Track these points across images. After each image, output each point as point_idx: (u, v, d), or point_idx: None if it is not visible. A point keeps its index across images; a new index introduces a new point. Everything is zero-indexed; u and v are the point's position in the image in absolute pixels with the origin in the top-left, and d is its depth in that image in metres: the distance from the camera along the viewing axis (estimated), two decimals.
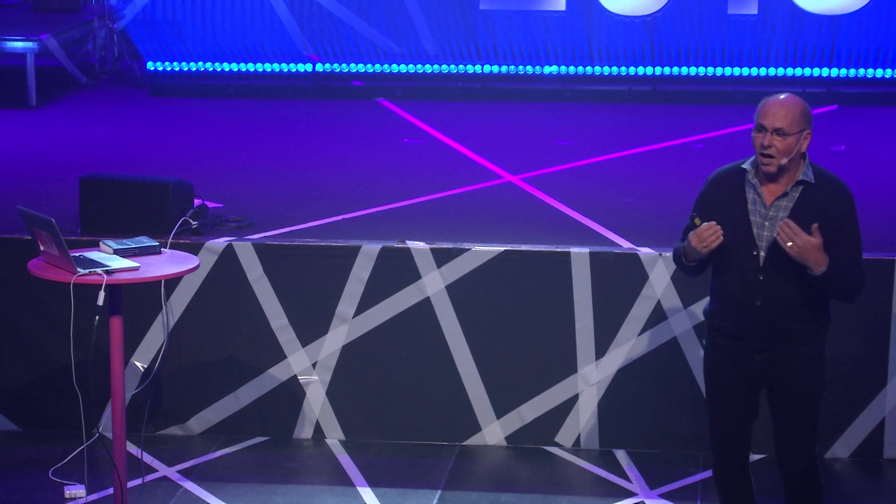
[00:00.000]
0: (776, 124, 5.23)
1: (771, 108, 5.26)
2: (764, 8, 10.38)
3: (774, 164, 5.26)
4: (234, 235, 7.32)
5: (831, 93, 10.34)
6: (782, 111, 5.24)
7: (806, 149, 5.31)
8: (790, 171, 5.30)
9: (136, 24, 10.92)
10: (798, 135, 5.25)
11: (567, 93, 10.52)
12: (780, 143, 5.24)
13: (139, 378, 7.21)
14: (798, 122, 5.25)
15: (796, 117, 5.24)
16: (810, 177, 5.32)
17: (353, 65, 10.74)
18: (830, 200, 5.28)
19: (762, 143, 5.25)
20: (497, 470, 7.02)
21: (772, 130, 5.24)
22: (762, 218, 5.32)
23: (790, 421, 5.48)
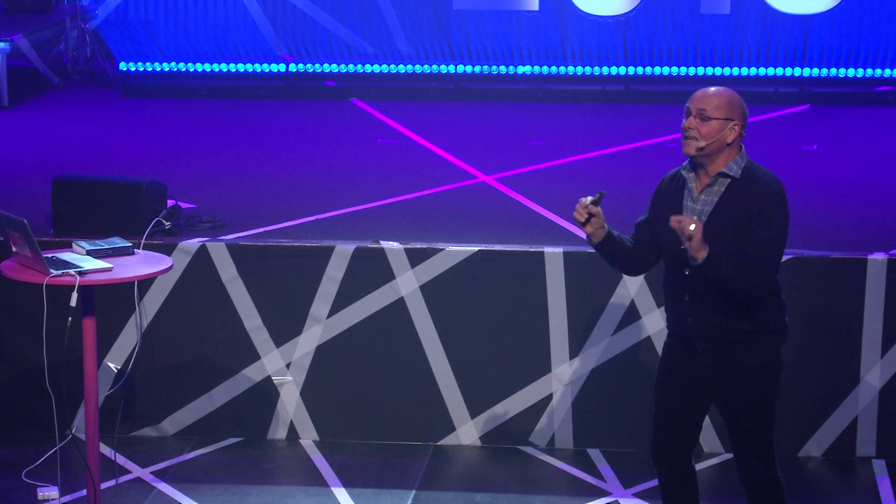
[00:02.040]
0: (700, 106, 5.25)
1: (698, 94, 5.31)
2: (736, 7, 10.41)
3: (693, 146, 5.25)
4: (207, 236, 7.30)
5: (803, 92, 10.38)
6: (708, 97, 5.27)
7: (733, 141, 5.26)
8: (715, 162, 5.28)
9: (109, 25, 10.89)
10: (722, 122, 5.24)
11: (540, 92, 10.53)
12: (702, 127, 5.23)
13: (112, 379, 7.19)
14: (722, 108, 5.25)
15: (722, 104, 5.25)
16: (735, 171, 5.26)
17: (326, 65, 10.73)
18: (754, 196, 5.21)
19: (685, 125, 5.29)
20: (471, 470, 7.02)
21: (695, 112, 5.26)
22: (690, 212, 5.33)
23: (739, 434, 5.46)
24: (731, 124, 5.26)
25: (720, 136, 5.25)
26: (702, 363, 5.39)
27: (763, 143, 9.45)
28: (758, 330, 5.32)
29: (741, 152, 5.30)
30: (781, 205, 5.25)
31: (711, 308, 5.30)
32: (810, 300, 6.97)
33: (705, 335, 5.34)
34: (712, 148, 5.25)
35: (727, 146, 5.27)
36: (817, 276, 6.96)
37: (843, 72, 10.43)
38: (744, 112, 5.32)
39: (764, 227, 5.19)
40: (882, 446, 7.03)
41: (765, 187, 5.24)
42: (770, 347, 5.36)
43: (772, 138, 9.57)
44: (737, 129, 5.27)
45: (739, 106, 5.30)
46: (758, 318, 5.31)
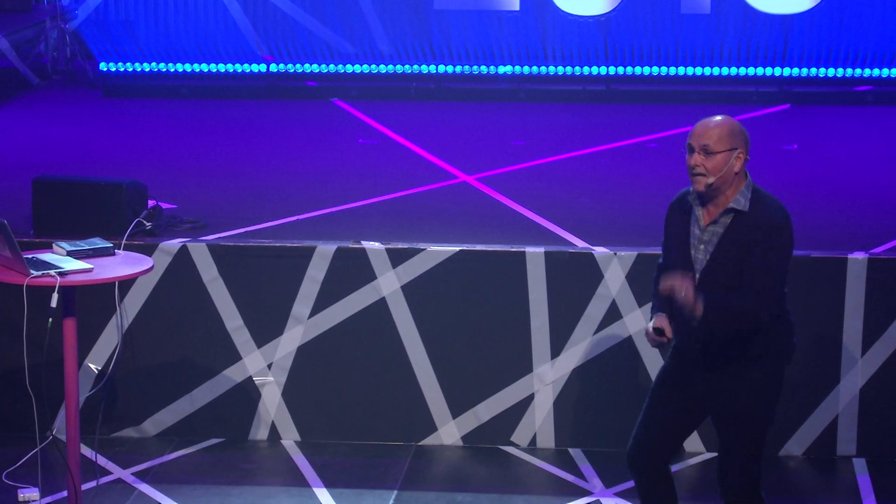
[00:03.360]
0: (702, 141, 5.20)
1: (698, 128, 5.24)
2: (716, 7, 10.43)
3: (703, 182, 5.21)
4: (188, 236, 7.29)
5: (783, 92, 10.41)
6: (709, 130, 5.21)
7: (740, 169, 5.23)
8: (725, 194, 5.25)
9: (89, 25, 10.87)
10: (728, 153, 5.20)
11: (521, 92, 10.54)
12: (708, 162, 5.19)
13: (93, 380, 7.18)
14: (725, 140, 5.20)
15: (723, 135, 5.20)
16: (743, 205, 5.23)
17: (307, 65, 10.73)
18: (759, 226, 5.19)
19: (691, 163, 5.24)
20: (453, 470, 7.02)
21: (699, 149, 5.21)
22: (697, 241, 5.31)
23: (728, 443, 5.46)
24: (737, 153, 5.22)
25: (728, 168, 5.21)
26: (702, 377, 5.39)
27: None
28: (765, 351, 5.33)
29: (747, 181, 5.28)
30: (784, 234, 5.22)
31: (719, 335, 5.29)
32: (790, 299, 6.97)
33: (713, 360, 5.34)
34: (721, 181, 5.22)
35: (735, 175, 5.24)
36: (797, 276, 6.96)
37: (822, 71, 10.45)
38: (746, 138, 5.28)
39: (763, 254, 5.17)
40: (862, 445, 7.05)
41: (768, 218, 5.20)
42: (772, 367, 5.36)
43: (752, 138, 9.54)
44: (742, 157, 5.23)
45: (741, 132, 5.26)
46: (765, 341, 5.32)
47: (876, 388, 6.99)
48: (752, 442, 5.41)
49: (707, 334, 5.29)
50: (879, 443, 7.05)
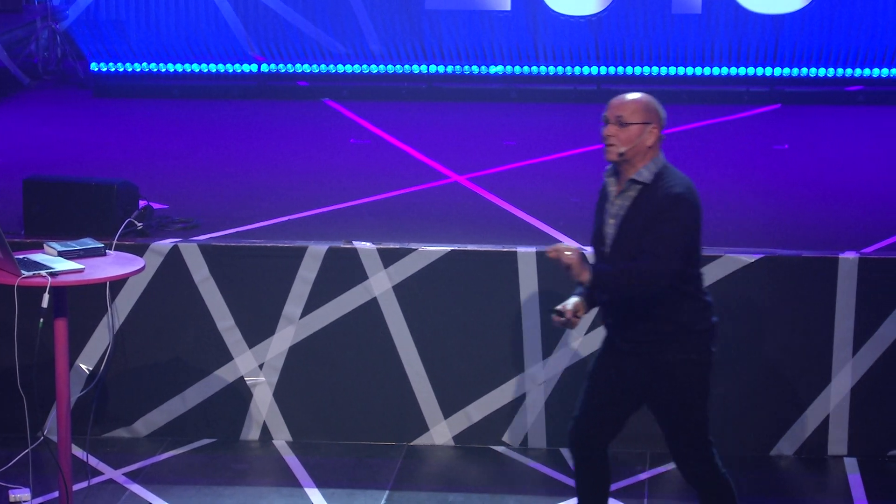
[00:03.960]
0: (617, 113, 5.37)
1: (615, 101, 5.42)
2: (707, 7, 10.44)
3: (615, 152, 5.38)
4: (179, 237, 7.29)
5: (774, 92, 10.41)
6: (624, 103, 5.39)
7: (653, 144, 5.40)
8: (636, 167, 5.39)
9: (80, 25, 10.85)
10: (641, 126, 5.36)
11: (513, 92, 10.54)
12: (622, 133, 5.36)
13: (84, 381, 7.17)
14: (639, 113, 5.37)
15: (638, 108, 5.38)
16: (646, 177, 5.37)
17: (298, 65, 10.72)
18: (659, 200, 5.33)
19: (605, 133, 5.39)
20: (445, 470, 7.02)
21: (613, 119, 5.37)
22: (608, 216, 5.46)
23: (668, 430, 5.55)
24: (650, 128, 5.39)
25: (640, 141, 5.37)
26: (630, 364, 5.48)
27: (734, 142, 9.49)
28: (677, 331, 5.42)
29: (658, 156, 5.41)
30: (683, 208, 5.34)
31: (627, 310, 5.42)
32: (781, 299, 6.99)
33: (625, 336, 5.47)
34: (633, 153, 5.37)
35: (648, 149, 5.38)
36: (788, 275, 6.99)
37: (813, 71, 10.46)
38: (660, 114, 5.44)
39: (661, 224, 5.29)
40: (853, 444, 7.06)
41: (668, 191, 5.34)
42: (692, 347, 5.44)
43: (743, 138, 9.60)
44: (655, 132, 5.40)
45: (656, 109, 5.43)
46: (676, 319, 5.42)
47: (867, 387, 7.00)
48: (692, 425, 5.50)
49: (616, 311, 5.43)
50: (870, 442, 7.06)
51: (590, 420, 5.63)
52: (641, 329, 5.44)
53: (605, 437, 5.66)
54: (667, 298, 5.39)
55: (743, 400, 7.05)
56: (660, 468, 6.97)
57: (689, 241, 5.38)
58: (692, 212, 5.39)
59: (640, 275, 5.30)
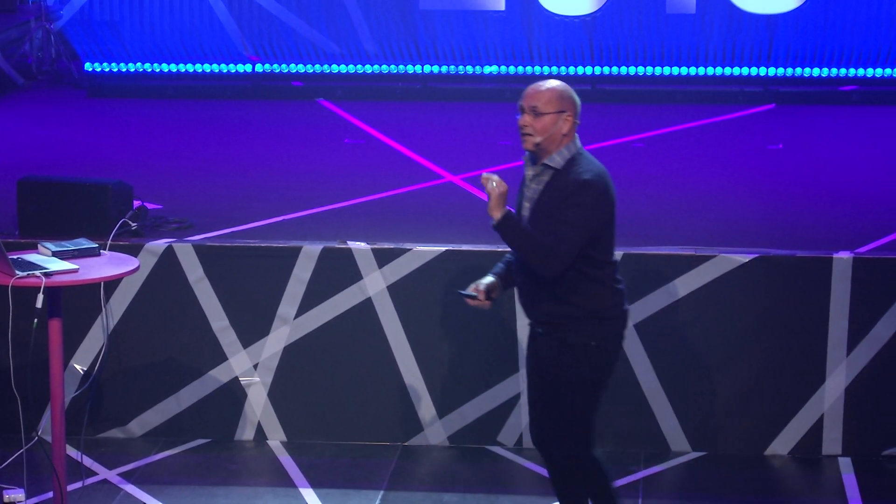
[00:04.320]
0: (532, 103, 5.44)
1: (529, 91, 5.48)
2: (702, 7, 10.44)
3: (531, 141, 5.45)
4: (174, 237, 7.28)
5: (768, 92, 10.42)
6: (539, 93, 5.45)
7: (568, 132, 5.46)
8: (549, 153, 5.47)
9: (74, 25, 10.85)
10: (555, 115, 5.43)
11: (507, 92, 10.54)
12: (537, 123, 5.43)
13: (79, 381, 7.17)
14: (554, 103, 5.43)
15: (552, 98, 5.44)
16: (557, 163, 5.46)
17: (292, 65, 10.72)
18: (567, 186, 5.41)
19: (520, 123, 5.45)
20: (439, 470, 7.02)
21: (528, 109, 5.44)
22: (524, 199, 5.55)
23: (546, 408, 5.62)
24: (564, 116, 5.45)
25: (555, 129, 5.45)
26: (542, 345, 5.59)
27: (729, 142, 9.50)
28: (583, 315, 5.48)
29: (572, 142, 5.49)
30: (589, 194, 5.41)
31: (536, 290, 5.51)
32: (776, 299, 7.00)
33: (535, 317, 5.58)
34: (548, 142, 5.46)
35: (562, 136, 5.46)
36: (783, 275, 6.99)
37: (807, 71, 10.47)
38: (575, 102, 5.52)
39: (565, 208, 5.38)
40: (848, 444, 7.06)
41: (577, 176, 5.42)
42: (593, 332, 5.50)
43: (737, 138, 9.60)
44: (570, 120, 5.47)
45: (570, 97, 5.51)
46: (581, 303, 5.48)
47: (861, 387, 7.01)
48: (575, 408, 5.56)
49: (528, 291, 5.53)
50: (865, 442, 7.06)
51: (532, 415, 5.72)
52: (547, 310, 5.52)
53: (539, 429, 5.71)
54: (574, 282, 5.47)
55: (737, 399, 7.05)
56: (654, 468, 6.97)
57: (594, 226, 5.44)
58: (599, 198, 5.44)
59: (539, 247, 5.38)
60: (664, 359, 7.04)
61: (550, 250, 5.37)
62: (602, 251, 5.50)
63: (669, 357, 7.04)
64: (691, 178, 8.62)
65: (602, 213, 5.46)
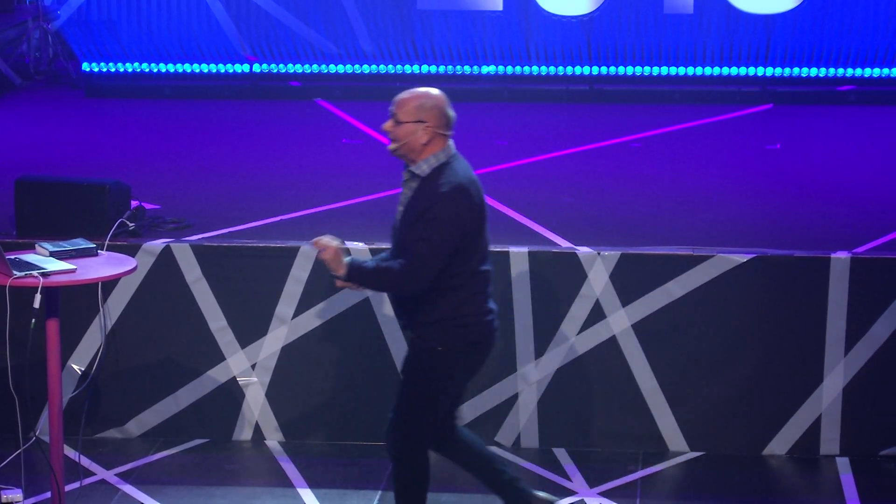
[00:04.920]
0: (393, 110, 5.59)
1: (396, 97, 5.61)
2: (699, 7, 10.44)
3: (390, 147, 5.60)
4: (171, 237, 7.28)
5: (766, 92, 10.42)
6: (401, 100, 5.57)
7: (428, 142, 5.53)
8: (416, 162, 5.58)
9: (71, 25, 10.84)
10: (414, 125, 5.52)
11: (505, 92, 10.54)
12: (396, 130, 5.57)
13: (76, 381, 7.16)
14: (412, 112, 5.53)
15: (412, 108, 5.54)
16: (423, 170, 5.56)
17: (290, 65, 10.71)
18: (426, 196, 5.51)
19: (382, 127, 5.62)
20: (437, 470, 6.99)
21: (391, 115, 5.60)
22: (399, 205, 5.70)
23: (395, 403, 5.79)
24: (423, 126, 5.52)
25: (412, 139, 5.53)
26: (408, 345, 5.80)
27: (726, 142, 9.50)
28: (431, 320, 5.62)
29: (442, 151, 5.55)
30: (445, 207, 5.47)
31: (397, 299, 5.72)
32: (774, 299, 7.00)
33: (402, 321, 5.79)
34: (405, 149, 5.55)
35: (423, 146, 5.53)
36: (780, 275, 6.99)
37: (805, 71, 10.47)
38: (438, 113, 5.56)
39: (424, 226, 5.47)
40: (846, 444, 7.06)
41: (437, 188, 5.51)
42: (440, 338, 5.63)
43: (735, 138, 9.60)
44: (430, 131, 5.52)
45: (432, 108, 5.56)
46: (433, 310, 5.61)
47: (859, 387, 7.01)
48: (414, 407, 5.71)
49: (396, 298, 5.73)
50: (863, 442, 7.06)
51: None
52: (408, 315, 5.70)
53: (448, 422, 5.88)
54: (430, 289, 5.57)
55: (735, 399, 7.05)
56: (652, 468, 6.97)
57: (453, 239, 5.50)
58: (456, 211, 5.50)
59: (393, 277, 5.52)
60: (662, 359, 7.04)
61: (407, 273, 5.49)
62: (460, 261, 5.56)
63: (667, 357, 7.04)
64: (689, 178, 8.62)
65: (460, 226, 5.51)
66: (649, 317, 7.02)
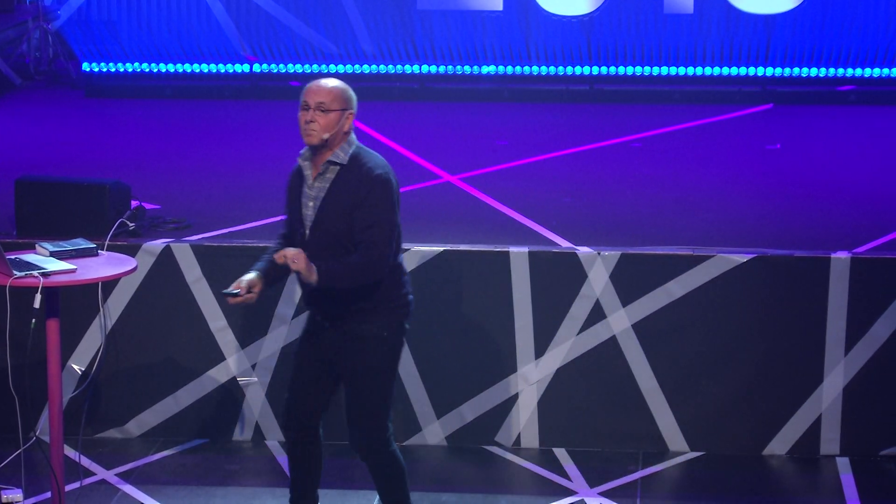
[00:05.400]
0: (319, 99, 5.61)
1: (314, 88, 5.65)
2: (699, 7, 10.45)
3: (316, 136, 5.62)
4: (172, 237, 7.28)
5: (766, 92, 10.43)
6: (326, 90, 5.64)
7: (349, 129, 5.66)
8: (333, 150, 5.66)
9: (71, 25, 10.85)
10: (340, 113, 5.64)
11: (505, 92, 10.54)
12: (322, 119, 5.61)
13: (77, 381, 7.16)
14: (339, 100, 5.64)
15: (338, 96, 5.64)
16: (342, 158, 5.65)
17: (290, 65, 10.72)
18: (359, 182, 5.60)
19: (306, 119, 5.62)
20: (437, 470, 7.02)
21: (315, 105, 5.61)
22: (307, 198, 5.70)
23: (350, 400, 5.81)
24: (347, 114, 5.67)
25: (339, 126, 5.64)
26: (329, 338, 5.74)
27: (726, 142, 9.50)
28: (379, 306, 5.69)
29: (352, 138, 5.69)
30: (385, 190, 5.62)
31: (325, 292, 5.64)
32: (774, 299, 7.00)
33: (332, 313, 5.72)
34: (333, 137, 5.64)
35: (344, 134, 5.67)
36: (780, 275, 6.99)
37: (805, 71, 10.47)
38: (355, 101, 5.74)
39: (370, 212, 5.58)
40: (846, 444, 7.07)
41: (368, 173, 5.62)
42: (386, 324, 5.73)
43: (735, 138, 9.61)
44: (351, 118, 5.68)
45: (352, 96, 5.74)
46: (379, 296, 5.69)
47: (859, 387, 7.01)
48: (376, 396, 5.77)
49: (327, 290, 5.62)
50: (863, 442, 7.06)
51: (299, 401, 5.87)
52: (343, 303, 5.67)
53: (315, 415, 5.90)
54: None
55: (735, 399, 7.05)
56: (652, 468, 6.97)
57: (396, 219, 5.67)
58: (394, 192, 5.67)
59: (365, 267, 5.57)
60: (662, 358, 7.05)
61: (372, 262, 5.56)
62: (396, 243, 5.71)
63: (667, 357, 7.05)
64: (689, 178, 8.62)
65: (397, 206, 5.69)
66: (649, 317, 7.02)
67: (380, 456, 5.86)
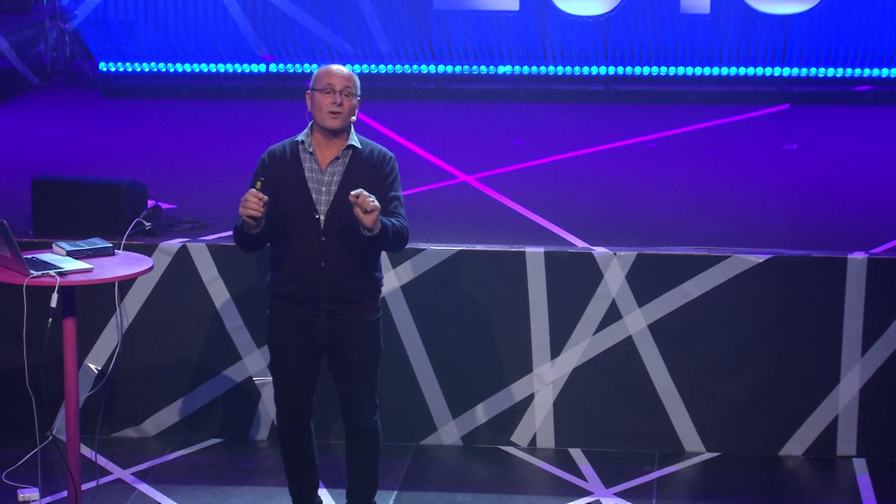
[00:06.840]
0: (346, 84, 5.72)
1: (336, 72, 5.75)
2: (716, 7, 10.44)
3: (342, 119, 5.72)
4: (188, 236, 7.29)
5: (783, 92, 10.41)
6: (347, 74, 5.75)
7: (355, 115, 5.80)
8: (343, 136, 5.77)
9: (88, 25, 10.87)
10: (358, 99, 5.79)
11: (521, 92, 10.54)
12: (348, 102, 5.73)
13: (93, 380, 7.18)
14: (357, 86, 5.79)
15: (356, 82, 5.79)
16: (358, 142, 5.79)
17: (306, 65, 10.73)
18: (378, 162, 5.75)
19: (333, 101, 5.70)
20: (453, 470, 7.02)
21: (342, 89, 5.71)
22: (319, 183, 5.76)
23: (357, 384, 5.90)
24: (358, 101, 5.81)
25: (354, 112, 5.79)
26: (324, 327, 5.79)
27: (742, 142, 9.49)
28: (373, 288, 5.84)
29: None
30: (395, 167, 5.84)
31: (345, 272, 5.73)
32: (790, 299, 6.99)
33: (336, 297, 5.76)
34: (349, 123, 5.76)
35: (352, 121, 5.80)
36: (797, 276, 6.98)
37: (822, 71, 10.46)
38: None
39: (391, 187, 5.77)
40: (862, 445, 7.05)
41: (382, 153, 5.80)
42: (376, 307, 5.88)
43: (752, 138, 9.59)
44: (359, 106, 5.83)
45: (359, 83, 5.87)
46: (375, 277, 5.85)
47: (876, 388, 7.00)
48: (377, 375, 5.93)
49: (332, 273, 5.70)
50: (879, 443, 7.05)
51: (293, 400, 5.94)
52: (352, 288, 5.77)
53: (307, 411, 5.98)
54: (374, 258, 5.83)
55: (752, 400, 7.04)
56: (668, 468, 6.96)
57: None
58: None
59: (405, 235, 5.76)
60: (678, 359, 7.04)
61: (406, 230, 5.77)
62: None
63: (683, 357, 7.04)
64: (705, 178, 8.61)
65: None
66: (665, 317, 7.01)
67: (376, 434, 6.01)
